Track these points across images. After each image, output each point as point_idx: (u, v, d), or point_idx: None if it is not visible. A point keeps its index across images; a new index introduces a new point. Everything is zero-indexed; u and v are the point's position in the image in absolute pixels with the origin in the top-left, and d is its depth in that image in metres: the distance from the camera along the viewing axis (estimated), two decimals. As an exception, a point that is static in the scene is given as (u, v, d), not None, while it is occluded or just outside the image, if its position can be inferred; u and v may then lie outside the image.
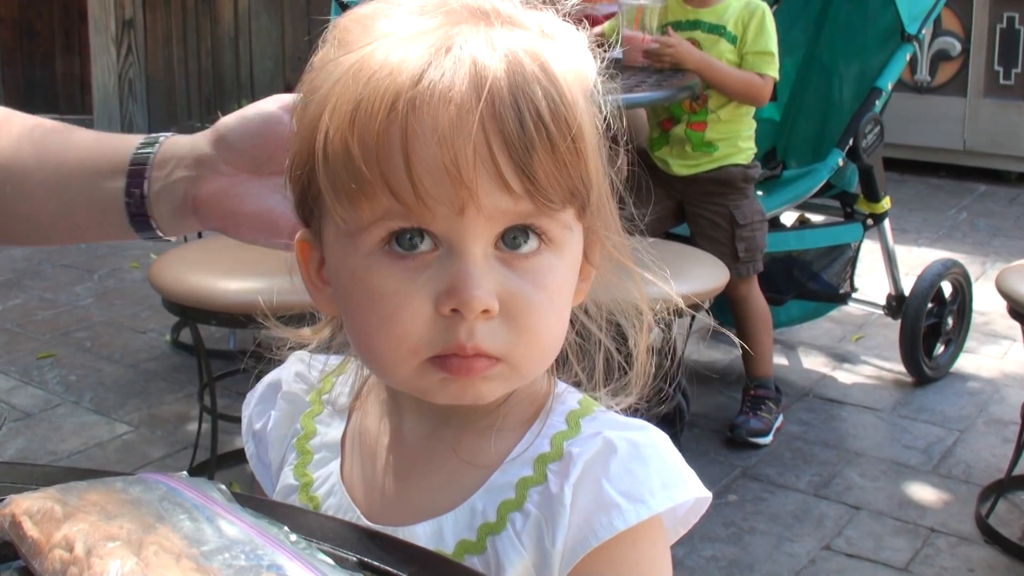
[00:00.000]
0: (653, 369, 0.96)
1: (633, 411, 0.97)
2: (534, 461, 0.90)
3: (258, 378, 1.09)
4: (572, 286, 0.89)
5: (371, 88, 0.81)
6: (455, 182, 0.79)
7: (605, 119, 0.89)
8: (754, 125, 3.58)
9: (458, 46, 0.81)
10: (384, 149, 0.80)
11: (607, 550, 0.87)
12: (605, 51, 0.92)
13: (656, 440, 0.90)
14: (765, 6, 3.48)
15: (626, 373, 0.96)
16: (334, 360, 1.03)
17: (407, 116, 0.80)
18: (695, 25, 3.51)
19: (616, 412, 0.95)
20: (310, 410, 1.03)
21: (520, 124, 0.80)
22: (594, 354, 0.95)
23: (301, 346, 1.03)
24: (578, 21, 0.92)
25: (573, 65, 0.86)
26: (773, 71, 3.43)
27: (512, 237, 0.83)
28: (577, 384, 0.96)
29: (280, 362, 1.06)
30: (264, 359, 1.06)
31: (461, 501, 0.91)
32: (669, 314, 0.99)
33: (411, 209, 0.81)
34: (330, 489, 0.98)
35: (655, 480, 0.88)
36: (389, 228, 0.83)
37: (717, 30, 3.48)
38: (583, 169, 0.83)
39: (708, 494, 0.92)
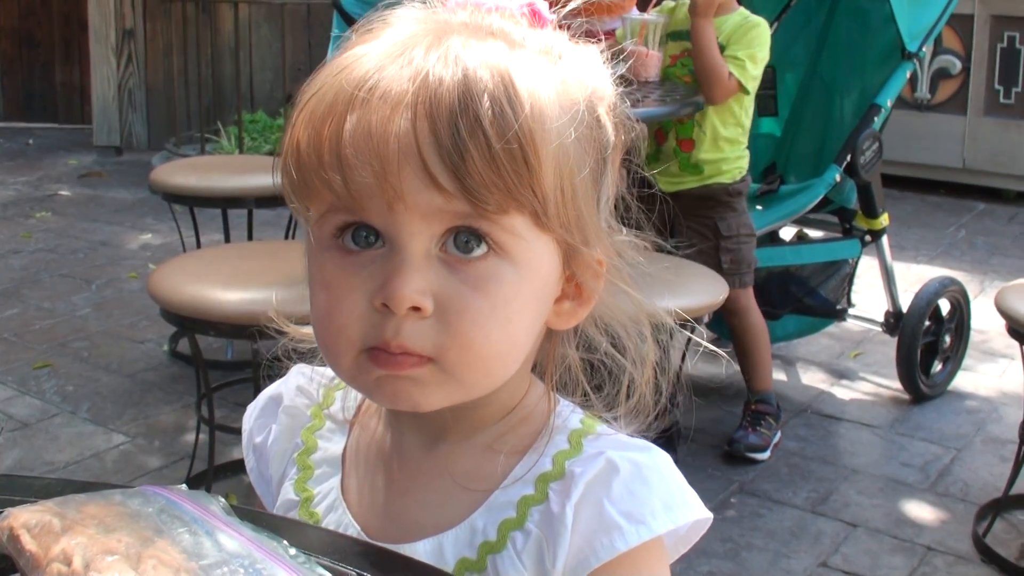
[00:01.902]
0: (663, 390, 0.96)
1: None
2: (535, 480, 0.90)
3: (256, 390, 1.09)
4: (529, 300, 0.88)
5: (325, 88, 0.85)
6: (379, 177, 0.81)
7: (612, 141, 0.89)
8: (742, 147, 3.57)
9: (412, 52, 0.84)
10: (324, 143, 0.83)
11: (608, 571, 0.87)
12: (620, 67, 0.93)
13: (658, 461, 0.90)
14: (762, 22, 3.48)
15: (627, 393, 0.96)
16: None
17: (345, 113, 0.83)
18: (688, 36, 3.52)
19: (618, 431, 0.94)
20: (311, 424, 1.03)
21: (455, 124, 0.81)
22: (619, 376, 0.95)
23: (302, 355, 1.03)
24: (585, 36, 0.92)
25: (556, 83, 0.86)
26: (744, 77, 3.42)
27: (464, 241, 0.84)
28: (583, 405, 0.96)
29: (281, 374, 1.06)
30: (262, 368, 1.06)
31: (462, 519, 0.91)
32: (664, 331, 0.99)
33: (346, 202, 0.84)
34: (330, 505, 0.97)
35: (657, 501, 0.88)
36: (336, 222, 0.85)
37: None
38: (531, 178, 0.83)
39: (709, 515, 0.92)
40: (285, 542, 0.80)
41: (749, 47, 3.43)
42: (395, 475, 0.96)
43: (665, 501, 0.88)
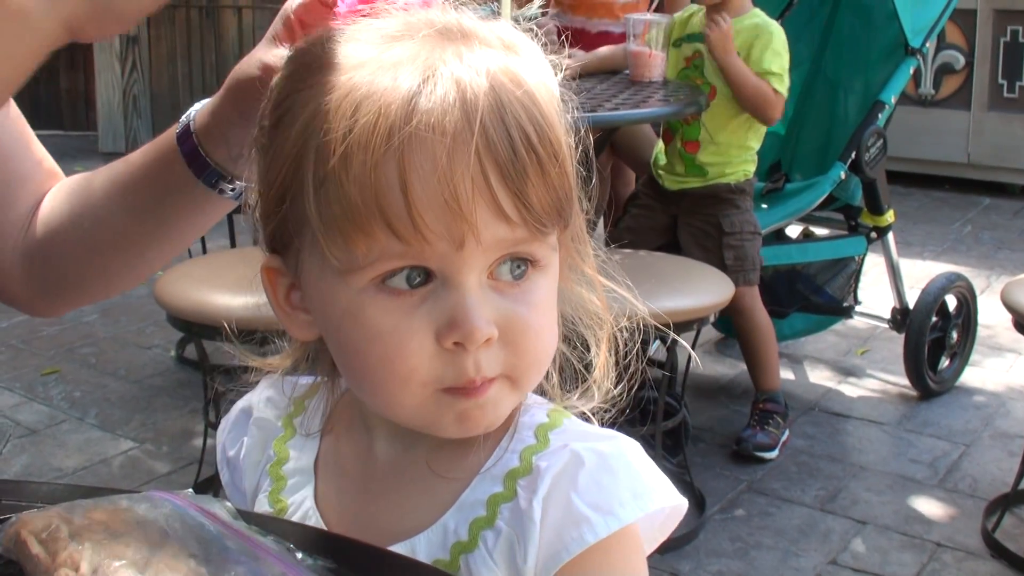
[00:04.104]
0: (614, 373, 0.95)
1: (624, 420, 0.96)
2: (504, 477, 0.90)
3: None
4: (555, 297, 0.90)
5: (362, 121, 0.80)
6: (455, 216, 0.79)
7: (576, 131, 0.89)
8: (750, 151, 3.57)
9: (441, 73, 0.81)
10: (382, 185, 0.79)
11: (579, 564, 0.86)
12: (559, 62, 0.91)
13: (625, 449, 0.89)
14: (775, 27, 3.48)
15: (585, 380, 0.95)
16: (304, 381, 1.02)
17: (403, 151, 0.79)
18: (702, 38, 3.52)
19: (588, 422, 0.94)
20: (282, 435, 1.02)
21: (512, 151, 0.80)
22: (575, 363, 0.95)
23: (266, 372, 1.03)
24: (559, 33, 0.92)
25: (542, 79, 0.87)
26: (782, 88, 3.45)
27: (517, 267, 0.84)
28: (543, 393, 0.95)
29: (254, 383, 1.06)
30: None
31: (433, 520, 0.91)
32: (638, 330, 0.98)
33: (410, 245, 0.80)
34: (304, 515, 0.96)
35: (624, 491, 0.87)
36: (384, 268, 0.82)
37: None
38: (567, 187, 0.84)
39: (683, 501, 0.91)
40: (292, 545, 0.80)
41: (779, 56, 3.47)
42: (368, 482, 0.95)
43: (633, 489, 0.87)
